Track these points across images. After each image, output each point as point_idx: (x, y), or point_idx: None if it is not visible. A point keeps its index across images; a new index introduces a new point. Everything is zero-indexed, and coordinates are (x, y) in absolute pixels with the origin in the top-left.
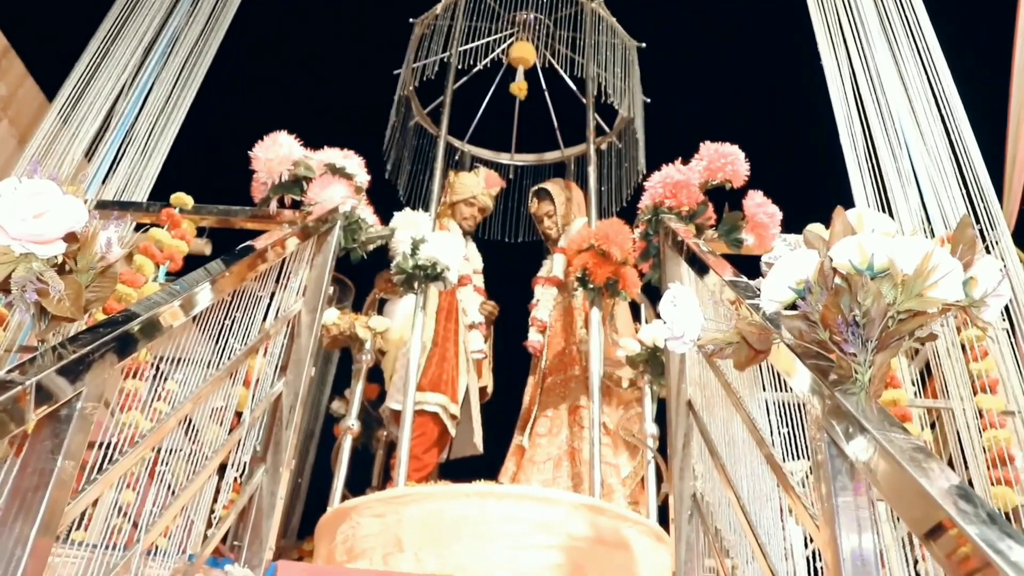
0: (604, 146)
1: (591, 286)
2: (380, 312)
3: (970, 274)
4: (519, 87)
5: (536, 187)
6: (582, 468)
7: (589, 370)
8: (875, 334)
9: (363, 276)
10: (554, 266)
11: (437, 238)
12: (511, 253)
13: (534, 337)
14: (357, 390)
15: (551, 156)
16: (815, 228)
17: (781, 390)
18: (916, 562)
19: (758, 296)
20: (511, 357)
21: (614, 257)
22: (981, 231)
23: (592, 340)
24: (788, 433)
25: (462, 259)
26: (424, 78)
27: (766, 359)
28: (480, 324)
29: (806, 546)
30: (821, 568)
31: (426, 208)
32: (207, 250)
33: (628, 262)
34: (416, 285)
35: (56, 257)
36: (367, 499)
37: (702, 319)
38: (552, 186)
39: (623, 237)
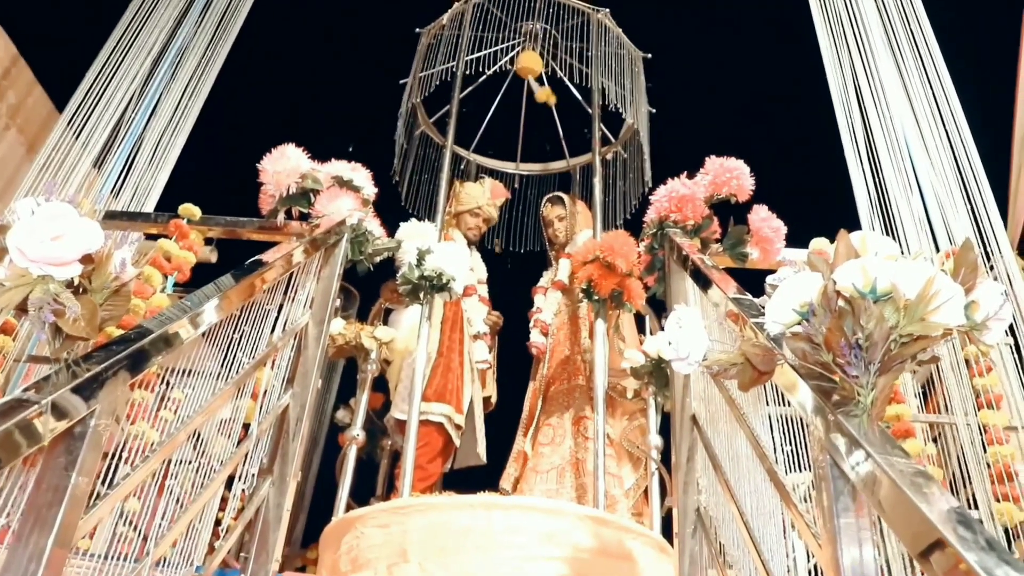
0: (610, 156)
1: (596, 297)
2: (385, 322)
3: (972, 298)
4: (546, 93)
5: (550, 195)
6: (586, 479)
7: (593, 381)
8: (878, 357)
9: (368, 285)
10: (560, 271)
11: (443, 248)
12: (515, 264)
13: (537, 338)
14: (362, 400)
15: (557, 166)
16: (819, 243)
17: (785, 404)
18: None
19: (762, 314)
20: (515, 367)
21: (619, 269)
22: (983, 242)
23: (596, 351)
24: (792, 448)
25: (467, 269)
26: (431, 88)
27: (770, 380)
28: (485, 334)
29: (809, 559)
30: None
31: (431, 217)
32: (213, 258)
33: (633, 274)
34: (422, 295)
35: (72, 278)
36: (372, 509)
37: (707, 340)
38: (566, 196)
39: (628, 249)
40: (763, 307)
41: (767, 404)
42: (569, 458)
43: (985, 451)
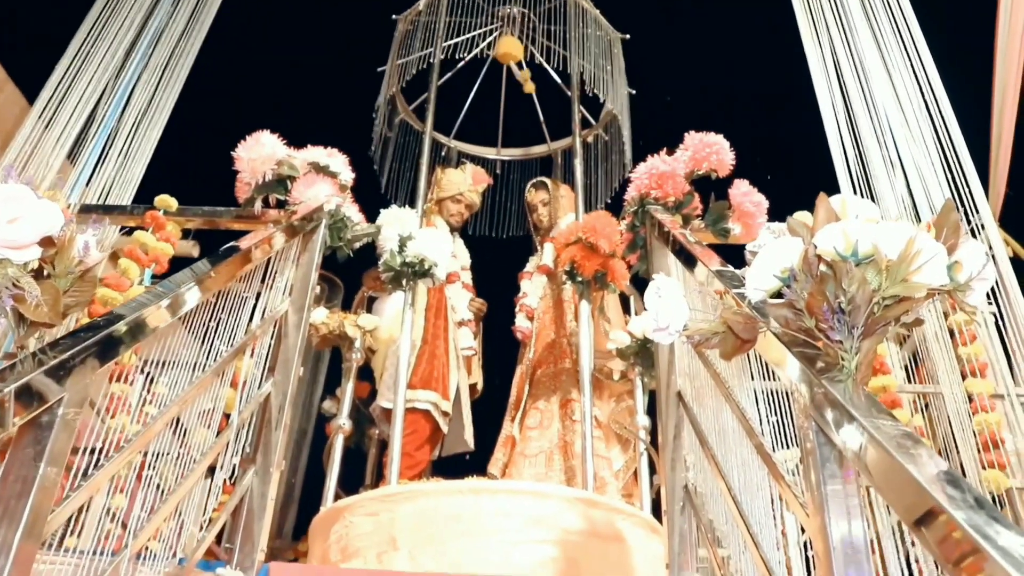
0: (591, 139)
1: (580, 279)
2: (369, 310)
3: (954, 258)
4: (525, 80)
5: (534, 180)
6: (574, 462)
7: (580, 363)
8: (861, 321)
9: (353, 275)
10: (544, 255)
11: (424, 235)
12: (499, 249)
13: (522, 323)
14: (348, 389)
15: (537, 150)
16: (801, 216)
17: (770, 379)
18: (912, 545)
19: (743, 286)
20: (501, 354)
21: (602, 249)
22: (966, 216)
23: (582, 333)
24: (778, 422)
25: (450, 256)
26: (409, 75)
27: (753, 348)
28: (469, 321)
29: (803, 532)
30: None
31: (412, 204)
32: (194, 252)
33: (616, 254)
34: (404, 282)
35: (33, 262)
36: (360, 498)
37: (687, 310)
38: (549, 181)
39: (610, 229)
40: (746, 278)
41: (752, 378)
42: (557, 441)
43: (971, 420)
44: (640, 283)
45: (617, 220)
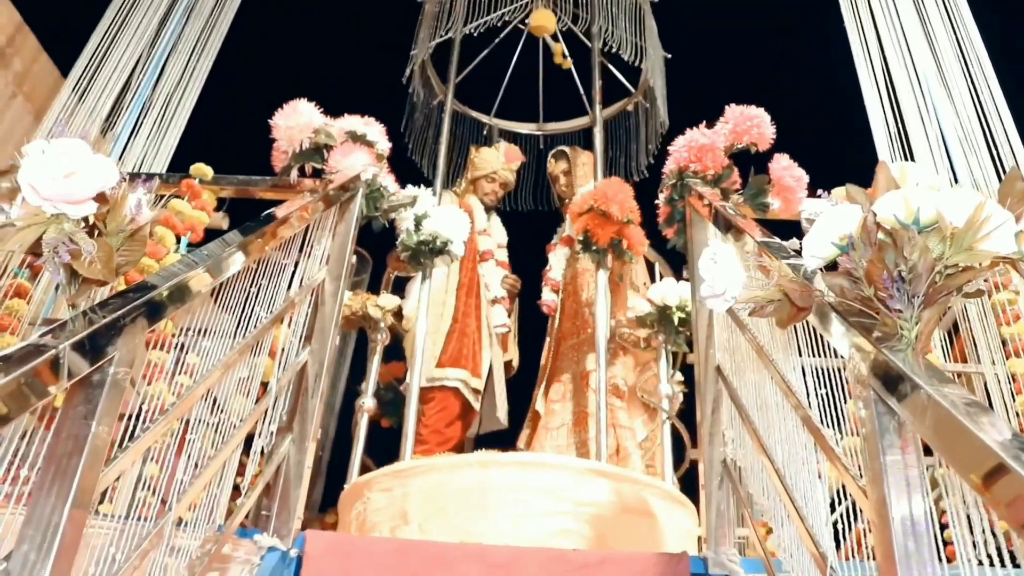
0: (631, 107)
1: (594, 248)
2: (399, 291)
3: (1020, 227)
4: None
5: (554, 150)
6: (593, 432)
7: (596, 332)
8: (922, 289)
9: (383, 253)
10: (567, 226)
11: (440, 212)
12: (539, 226)
13: (548, 296)
14: (372, 369)
15: (578, 123)
16: (842, 192)
17: (815, 355)
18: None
19: (791, 257)
20: (537, 330)
21: (615, 216)
22: None
23: (598, 302)
24: (823, 398)
25: (467, 232)
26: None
27: (808, 316)
28: (503, 298)
29: (833, 509)
30: (864, 531)
31: (448, 185)
32: (224, 224)
33: (632, 221)
34: (422, 260)
35: (86, 219)
36: (376, 474)
37: (744, 276)
38: (568, 149)
39: (623, 196)
40: (792, 250)
41: (799, 354)
42: (579, 413)
43: (1014, 400)
44: (672, 254)
45: (656, 192)
